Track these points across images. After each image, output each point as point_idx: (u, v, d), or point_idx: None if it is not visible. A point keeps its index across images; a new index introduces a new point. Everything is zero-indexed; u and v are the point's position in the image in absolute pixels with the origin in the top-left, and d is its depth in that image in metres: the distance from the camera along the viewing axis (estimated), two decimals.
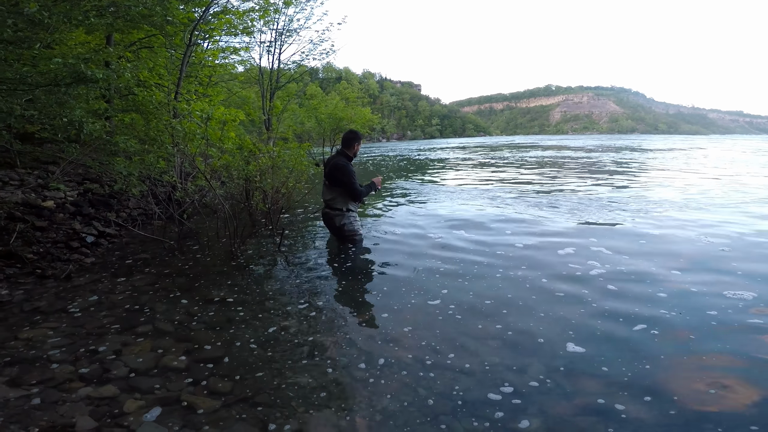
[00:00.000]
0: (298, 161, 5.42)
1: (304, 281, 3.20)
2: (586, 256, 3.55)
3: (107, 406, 1.63)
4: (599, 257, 3.54)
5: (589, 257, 3.53)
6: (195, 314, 2.56)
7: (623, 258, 3.49)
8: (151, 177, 4.98)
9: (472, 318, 2.45)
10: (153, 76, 6.11)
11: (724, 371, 1.85)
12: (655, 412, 1.58)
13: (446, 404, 1.66)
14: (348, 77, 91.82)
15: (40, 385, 1.78)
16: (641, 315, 2.42)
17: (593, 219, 5.12)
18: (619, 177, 9.99)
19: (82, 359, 2.02)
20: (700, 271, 3.15)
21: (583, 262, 3.39)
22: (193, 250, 4.03)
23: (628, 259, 3.47)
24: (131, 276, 3.29)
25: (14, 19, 3.34)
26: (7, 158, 6.09)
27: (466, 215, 5.52)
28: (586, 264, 3.35)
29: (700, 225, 4.64)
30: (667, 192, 7.32)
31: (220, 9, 7.40)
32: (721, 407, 1.61)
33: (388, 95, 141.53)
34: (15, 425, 1.46)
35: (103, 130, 5.34)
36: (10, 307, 2.66)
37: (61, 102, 4.45)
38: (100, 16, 4.02)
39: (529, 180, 9.79)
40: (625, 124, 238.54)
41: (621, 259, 3.47)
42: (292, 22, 14.84)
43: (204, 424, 1.55)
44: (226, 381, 1.84)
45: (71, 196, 5.39)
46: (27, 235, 4.01)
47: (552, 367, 1.91)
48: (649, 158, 17.09)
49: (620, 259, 3.46)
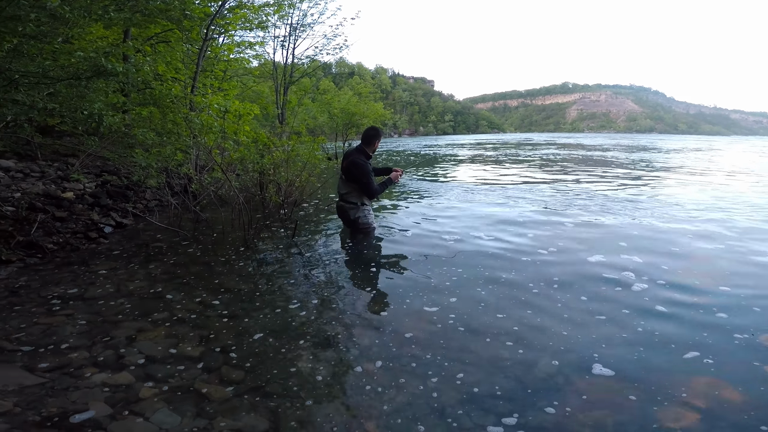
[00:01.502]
0: (313, 155, 5.44)
1: (316, 272, 3.20)
2: (620, 267, 3.20)
3: (123, 393, 1.65)
4: (635, 266, 3.19)
5: (624, 267, 3.20)
6: (209, 303, 2.58)
7: (664, 269, 3.14)
8: (167, 169, 5.05)
9: (483, 316, 2.41)
10: (170, 70, 6.18)
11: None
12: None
13: (454, 399, 1.64)
14: (361, 72, 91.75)
15: (56, 371, 1.81)
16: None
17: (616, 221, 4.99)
18: (646, 177, 9.76)
19: (98, 346, 2.05)
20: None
21: (617, 273, 3.08)
22: (208, 240, 4.07)
23: (670, 270, 3.13)
24: (147, 264, 3.34)
25: (37, 14, 3.41)
26: (28, 150, 6.26)
27: (486, 212, 5.41)
28: (621, 275, 3.03)
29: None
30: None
31: (236, 4, 7.44)
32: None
33: (401, 91, 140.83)
34: (29, 411, 1.48)
35: (122, 123, 5.44)
36: (28, 293, 2.73)
37: (82, 95, 4.54)
38: (119, 11, 4.08)
39: (552, 179, 9.60)
40: (643, 123, 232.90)
41: (661, 272, 3.10)
42: (306, 16, 14.88)
43: (217, 412, 1.55)
44: (239, 370, 1.85)
45: (90, 188, 5.51)
46: (47, 225, 4.11)
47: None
48: (684, 158, 16.56)
49: (661, 273, 3.07)
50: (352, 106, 18.01)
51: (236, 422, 1.50)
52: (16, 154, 6.06)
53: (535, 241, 3.95)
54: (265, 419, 1.52)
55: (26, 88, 4.18)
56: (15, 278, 3.02)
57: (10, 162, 5.63)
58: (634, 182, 8.62)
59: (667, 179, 9.31)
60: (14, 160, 5.80)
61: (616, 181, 8.69)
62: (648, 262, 3.29)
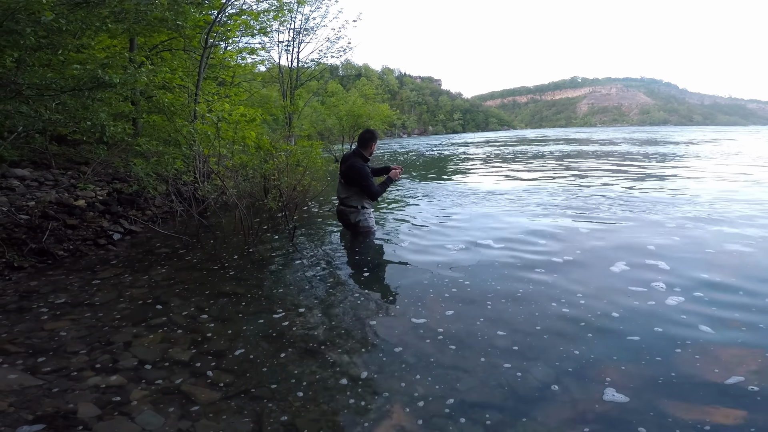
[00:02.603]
0: (314, 159, 5.49)
1: (314, 276, 3.24)
2: (645, 278, 2.87)
3: (112, 395, 1.72)
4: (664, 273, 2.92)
5: (651, 274, 2.91)
6: (206, 307, 2.65)
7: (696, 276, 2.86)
8: (172, 177, 5.17)
9: (479, 322, 2.41)
10: (175, 78, 6.32)
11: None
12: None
13: (446, 406, 1.65)
14: (367, 74, 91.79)
15: (54, 374, 1.89)
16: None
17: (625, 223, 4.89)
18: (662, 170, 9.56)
19: (96, 350, 2.13)
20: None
21: (643, 280, 2.82)
22: (210, 246, 4.16)
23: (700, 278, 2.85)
24: (151, 270, 3.44)
25: (33, 28, 3.52)
26: (43, 159, 6.47)
27: (496, 213, 5.27)
28: (649, 286, 2.74)
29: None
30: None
31: (236, 11, 7.55)
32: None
33: (408, 90, 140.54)
34: (24, 411, 1.56)
35: (125, 133, 5.58)
36: (37, 298, 2.84)
37: (86, 106, 4.68)
38: (118, 22, 4.19)
39: (567, 177, 9.38)
40: (657, 116, 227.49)
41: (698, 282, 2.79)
42: (308, 20, 15.01)
43: (201, 415, 1.61)
44: (228, 374, 1.90)
45: (101, 195, 5.68)
46: (59, 232, 4.26)
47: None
48: (712, 149, 15.90)
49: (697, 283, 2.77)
50: (357, 108, 18.09)
51: (219, 424, 1.54)
52: (32, 163, 6.27)
53: (551, 248, 3.64)
54: (249, 422, 1.57)
55: (32, 100, 4.33)
56: (26, 283, 3.16)
57: (25, 171, 5.83)
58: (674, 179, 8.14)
59: (701, 171, 8.87)
60: (29, 169, 6.01)
61: (648, 180, 8.06)
62: (680, 270, 2.98)
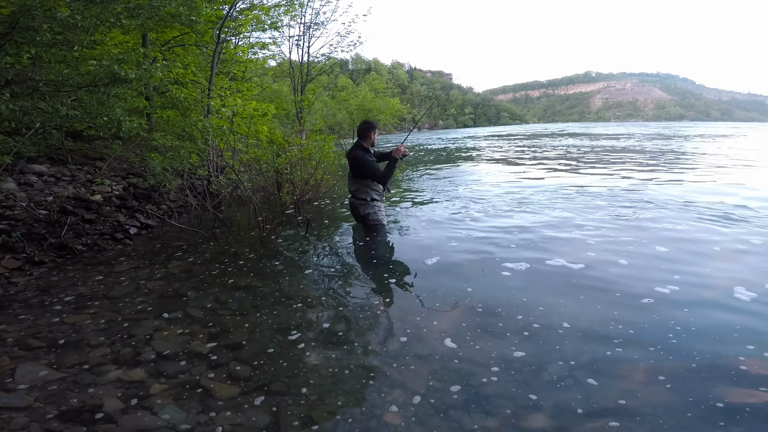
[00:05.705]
0: (326, 153, 5.48)
1: (327, 269, 3.25)
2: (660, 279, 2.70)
3: (135, 389, 1.73)
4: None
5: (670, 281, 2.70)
6: (223, 300, 2.67)
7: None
8: (187, 171, 5.21)
9: (489, 316, 2.37)
10: (188, 73, 6.35)
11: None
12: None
13: (462, 399, 1.63)
14: (377, 68, 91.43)
15: (77, 368, 1.91)
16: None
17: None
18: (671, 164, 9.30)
19: (117, 343, 2.15)
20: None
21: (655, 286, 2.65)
22: (226, 239, 4.19)
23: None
24: (167, 264, 3.47)
25: (49, 24, 3.55)
26: (60, 155, 6.58)
27: (510, 212, 5.05)
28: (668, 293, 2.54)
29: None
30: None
31: (247, 6, 7.54)
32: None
33: (419, 85, 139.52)
34: (49, 406, 1.58)
35: (141, 128, 5.62)
36: (58, 293, 2.89)
37: (101, 101, 4.73)
38: (131, 17, 4.21)
39: (586, 175, 9.21)
40: (673, 111, 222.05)
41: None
42: (318, 15, 14.97)
43: (221, 408, 1.61)
44: (246, 367, 1.90)
45: (117, 190, 5.75)
46: (77, 227, 4.33)
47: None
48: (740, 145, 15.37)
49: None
50: (367, 103, 18.03)
51: (238, 418, 1.54)
52: (49, 159, 6.39)
53: (566, 252, 3.41)
54: (267, 416, 1.56)
55: (49, 96, 4.39)
56: (46, 278, 3.21)
57: (43, 167, 5.94)
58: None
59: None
60: (47, 165, 6.11)
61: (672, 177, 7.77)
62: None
